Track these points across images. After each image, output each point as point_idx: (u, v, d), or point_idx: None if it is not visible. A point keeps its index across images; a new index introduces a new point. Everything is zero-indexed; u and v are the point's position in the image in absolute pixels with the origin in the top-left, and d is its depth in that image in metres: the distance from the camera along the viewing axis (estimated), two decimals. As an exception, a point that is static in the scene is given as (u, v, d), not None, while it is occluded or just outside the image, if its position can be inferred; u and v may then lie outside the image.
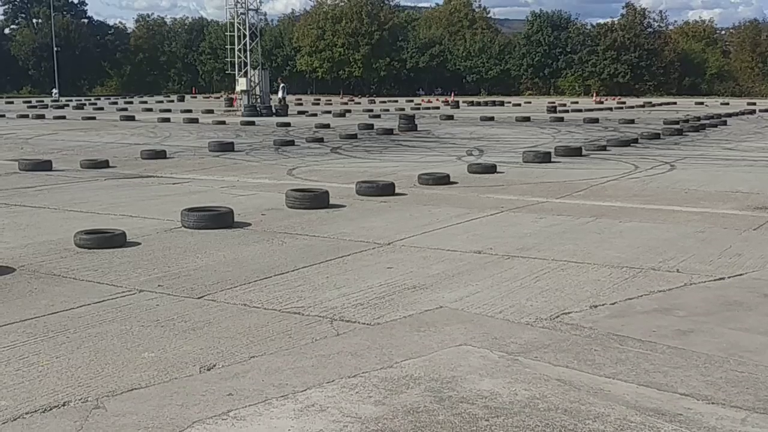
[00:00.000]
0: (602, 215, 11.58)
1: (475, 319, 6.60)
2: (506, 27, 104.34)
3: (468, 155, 21.17)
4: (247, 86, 43.41)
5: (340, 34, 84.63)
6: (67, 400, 4.93)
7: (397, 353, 5.76)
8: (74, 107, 52.41)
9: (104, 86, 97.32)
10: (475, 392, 5.03)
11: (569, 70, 79.38)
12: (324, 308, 6.92)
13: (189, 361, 5.60)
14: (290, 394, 5.01)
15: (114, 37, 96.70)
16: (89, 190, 14.78)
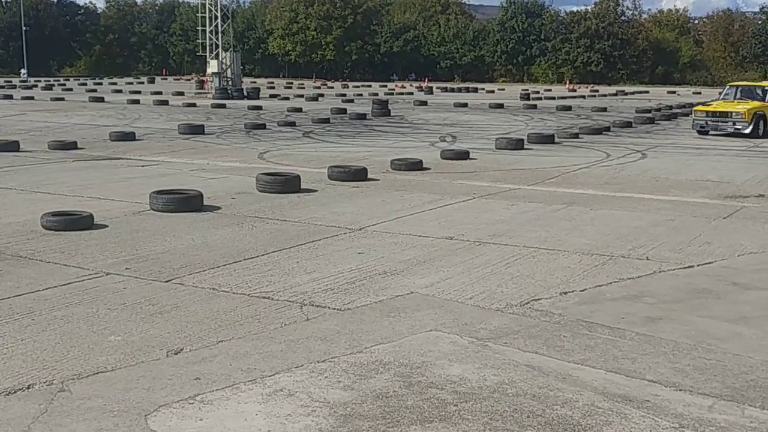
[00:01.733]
0: (573, 203, 11.63)
1: (445, 305, 6.59)
2: (480, 13, 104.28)
3: (441, 141, 21.16)
4: (218, 68, 43.03)
5: (313, 17, 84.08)
6: (32, 382, 4.85)
7: (367, 338, 5.74)
8: (43, 88, 51.63)
9: (73, 67, 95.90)
10: (444, 377, 5.02)
11: (543, 57, 79.63)
12: (294, 293, 6.87)
13: (156, 345, 5.53)
14: (258, 378, 4.97)
15: (84, 17, 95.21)
16: (57, 171, 14.56)
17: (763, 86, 24.58)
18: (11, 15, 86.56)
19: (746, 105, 22.54)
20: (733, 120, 22.18)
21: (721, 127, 22.43)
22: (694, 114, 24.15)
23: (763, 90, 23.86)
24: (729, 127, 22.23)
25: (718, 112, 22.77)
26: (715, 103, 24.16)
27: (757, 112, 22.29)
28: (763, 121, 22.32)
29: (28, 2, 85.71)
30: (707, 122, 22.80)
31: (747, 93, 24.03)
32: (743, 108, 22.29)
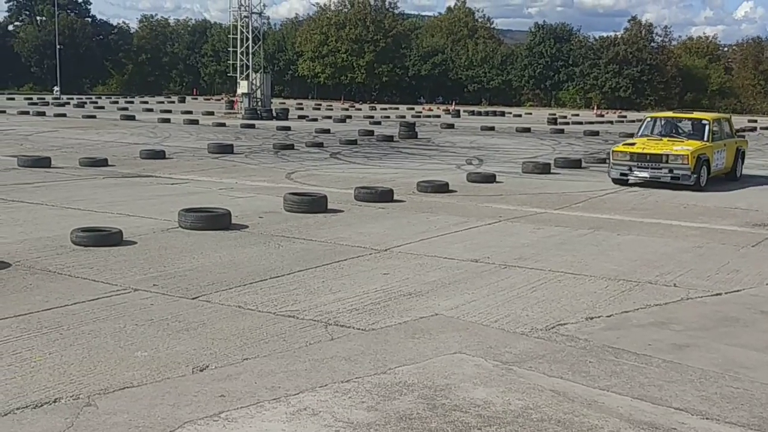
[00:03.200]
0: (600, 227, 11.57)
1: (470, 328, 6.58)
2: (509, 38, 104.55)
3: (467, 164, 21.16)
4: (248, 89, 43.44)
5: (344, 40, 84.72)
6: (58, 396, 4.90)
7: (391, 359, 5.73)
8: (75, 105, 52.38)
9: (106, 85, 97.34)
10: (468, 400, 5.00)
11: (571, 82, 79.51)
12: (319, 312, 6.89)
13: (182, 362, 5.57)
14: (283, 397, 4.98)
15: (117, 36, 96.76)
16: (87, 188, 14.75)
17: (699, 119, 17.61)
18: (46, 33, 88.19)
19: (688, 146, 16.18)
20: (671, 166, 15.84)
21: (652, 175, 16.17)
22: (612, 156, 16.67)
23: (699, 124, 17.21)
24: (664, 175, 15.99)
25: (649, 155, 16.14)
26: (640, 142, 16.85)
27: (701, 155, 16.07)
28: (706, 167, 16.24)
29: (63, 21, 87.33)
30: (631, 168, 16.22)
31: (675, 128, 17.80)
32: (685, 150, 15.92)
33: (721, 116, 18.81)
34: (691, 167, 15.67)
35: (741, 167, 18.46)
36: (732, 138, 18.18)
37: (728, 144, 17.60)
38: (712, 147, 16.49)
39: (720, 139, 17.16)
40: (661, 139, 16.93)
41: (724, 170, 17.45)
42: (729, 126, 18.28)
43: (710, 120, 17.16)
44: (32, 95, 70.18)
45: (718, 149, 16.81)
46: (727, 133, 17.83)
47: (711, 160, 16.37)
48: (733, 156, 17.83)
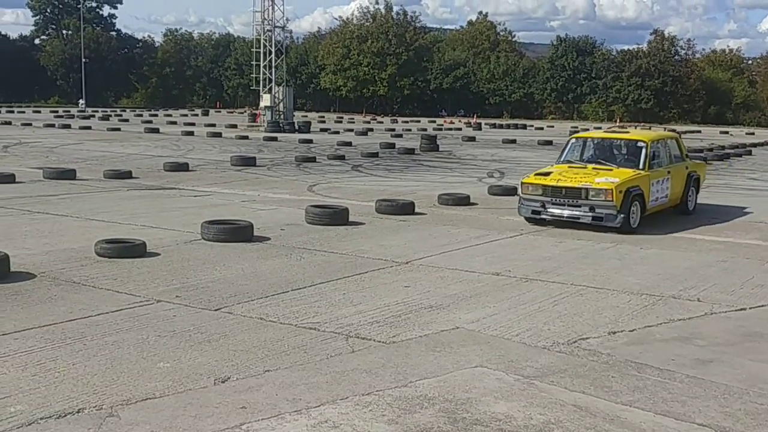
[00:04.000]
0: (623, 241, 11.50)
1: (491, 341, 6.56)
2: (531, 51, 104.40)
3: (489, 177, 21.14)
4: (271, 102, 43.69)
5: (366, 53, 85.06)
6: (82, 407, 4.94)
7: (412, 372, 5.73)
8: (100, 118, 52.93)
9: (130, 98, 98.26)
10: (489, 415, 4.98)
11: (593, 95, 79.22)
12: (340, 325, 6.91)
13: (204, 373, 5.60)
14: (304, 409, 4.99)
15: (142, 50, 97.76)
16: (111, 200, 14.89)
17: (634, 140, 13.69)
18: (72, 47, 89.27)
19: (615, 176, 12.42)
20: (592, 203, 12.19)
21: (570, 214, 12.44)
22: (521, 189, 13.08)
23: (634, 147, 13.42)
24: (583, 215, 12.30)
25: (565, 189, 12.41)
26: (557, 171, 13.12)
27: (630, 188, 12.28)
28: (640, 203, 12.54)
29: (88, 35, 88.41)
30: (545, 204, 12.60)
31: (606, 152, 13.76)
32: (608, 183, 12.20)
33: (666, 136, 15.10)
34: (617, 204, 11.98)
35: (695, 197, 14.82)
36: (682, 162, 14.44)
37: (675, 170, 13.86)
38: (648, 176, 12.76)
39: (662, 164, 13.46)
40: (585, 166, 13.07)
41: (670, 203, 13.85)
42: (678, 147, 14.59)
43: (647, 142, 13.28)
44: (58, 108, 71.03)
45: (658, 178, 13.12)
46: (674, 156, 14.19)
47: (647, 193, 12.72)
48: (682, 185, 14.17)
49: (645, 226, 12.58)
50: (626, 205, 12.13)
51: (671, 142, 14.53)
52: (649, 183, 12.86)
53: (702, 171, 15.50)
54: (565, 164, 13.49)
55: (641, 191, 12.57)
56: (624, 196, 12.13)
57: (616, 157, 13.57)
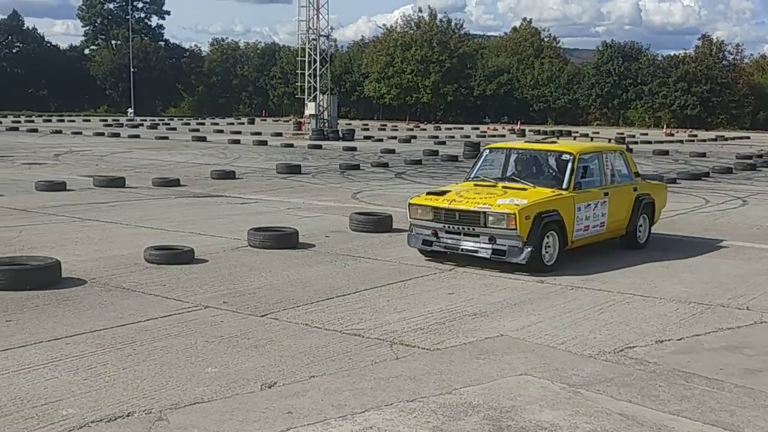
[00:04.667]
0: (670, 249, 11.35)
1: (536, 349, 6.53)
2: (575, 57, 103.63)
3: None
4: (315, 110, 44.04)
5: (410, 60, 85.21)
6: (131, 410, 5.04)
7: (456, 380, 5.74)
8: (148, 127, 53.84)
9: (178, 107, 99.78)
10: (534, 423, 4.97)
11: (639, 101, 78.31)
12: (384, 331, 6.94)
13: (250, 378, 5.67)
14: (349, 415, 5.03)
15: (189, 59, 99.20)
16: (160, 207, 15.14)
17: (559, 152, 10.84)
18: (121, 57, 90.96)
19: (520, 197, 9.73)
20: (491, 231, 9.56)
21: (466, 246, 9.79)
22: (409, 212, 10.37)
23: (559, 160, 10.64)
24: (480, 247, 9.67)
25: (458, 213, 9.83)
26: (456, 189, 10.56)
27: (543, 213, 9.66)
28: (557, 233, 9.85)
29: (137, 45, 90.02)
30: (437, 232, 10.00)
31: (525, 167, 10.96)
32: (511, 205, 9.51)
33: (605, 148, 12.14)
34: (521, 234, 9.30)
35: (647, 227, 11.58)
36: (629, 182, 11.35)
37: (618, 192, 10.88)
38: (571, 198, 10.01)
39: (597, 184, 10.63)
40: (495, 184, 10.33)
41: (608, 234, 10.88)
42: (625, 163, 11.53)
43: (575, 154, 10.37)
44: (107, 117, 72.42)
45: (589, 201, 10.28)
46: (618, 174, 11.24)
47: (569, 219, 9.92)
48: (628, 210, 11.10)
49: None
50: (536, 234, 9.39)
51: (614, 157, 11.41)
52: (574, 207, 9.99)
53: (659, 194, 12.01)
54: (470, 182, 10.69)
55: (560, 217, 9.72)
56: (533, 223, 9.39)
57: (537, 173, 10.76)
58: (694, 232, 12.87)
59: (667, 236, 12.43)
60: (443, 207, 9.90)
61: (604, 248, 10.93)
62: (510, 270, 9.55)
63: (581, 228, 10.24)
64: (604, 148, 12.03)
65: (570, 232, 10.01)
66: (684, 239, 12.17)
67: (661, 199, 12.19)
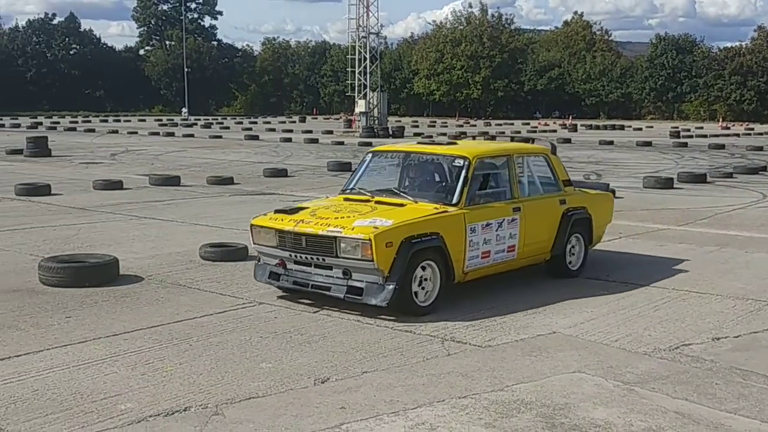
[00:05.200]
0: (727, 244, 11.13)
1: (589, 347, 6.48)
2: (628, 50, 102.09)
3: (585, 179, 20.75)
4: (365, 108, 44.22)
5: (460, 56, 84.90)
6: (188, 405, 5.14)
7: (508, 377, 5.73)
8: (202, 126, 54.63)
9: (230, 107, 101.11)
10: (588, 420, 4.94)
11: (694, 94, 76.84)
12: (435, 328, 6.95)
13: (304, 373, 5.74)
14: (401, 411, 5.06)
15: (241, 59, 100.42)
16: (214, 205, 15.36)
17: (451, 156, 8.39)
18: (174, 57, 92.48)
19: (386, 216, 7.43)
20: (345, 263, 7.30)
21: (315, 281, 7.58)
22: (252, 235, 8.23)
23: (451, 167, 8.30)
24: (333, 283, 7.45)
25: (304, 237, 7.52)
26: (316, 206, 8.33)
27: (415, 237, 7.31)
28: (438, 263, 7.51)
29: (190, 46, 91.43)
30: (284, 262, 7.81)
31: (413, 175, 8.70)
32: (367, 228, 7.17)
33: (517, 150, 9.02)
34: (380, 266, 7.08)
35: (581, 249, 9.24)
36: (556, 192, 9.11)
37: (536, 207, 8.64)
38: (460, 216, 7.73)
39: (504, 196, 8.39)
40: (371, 198, 8.06)
41: (527, 259, 8.66)
42: (550, 168, 9.21)
43: (470, 158, 8.08)
44: (162, 117, 73.71)
45: (490, 219, 8.00)
46: (540, 182, 9.03)
47: (458, 244, 7.65)
48: (552, 228, 8.85)
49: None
50: (401, 266, 7.10)
51: (532, 161, 9.05)
52: (464, 227, 7.72)
53: (599, 207, 9.69)
54: (345, 194, 8.48)
55: (441, 243, 7.43)
56: (399, 250, 7.11)
57: (427, 184, 8.50)
58: (751, 228, 12.60)
59: (723, 233, 12.20)
60: (288, 230, 7.57)
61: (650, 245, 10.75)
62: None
63: (477, 255, 7.90)
64: (516, 150, 8.94)
65: (459, 261, 7.68)
66: (740, 236, 11.93)
67: (603, 213, 9.80)
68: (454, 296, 8.08)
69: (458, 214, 7.75)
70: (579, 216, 9.17)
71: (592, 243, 9.60)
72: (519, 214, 8.34)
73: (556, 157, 9.49)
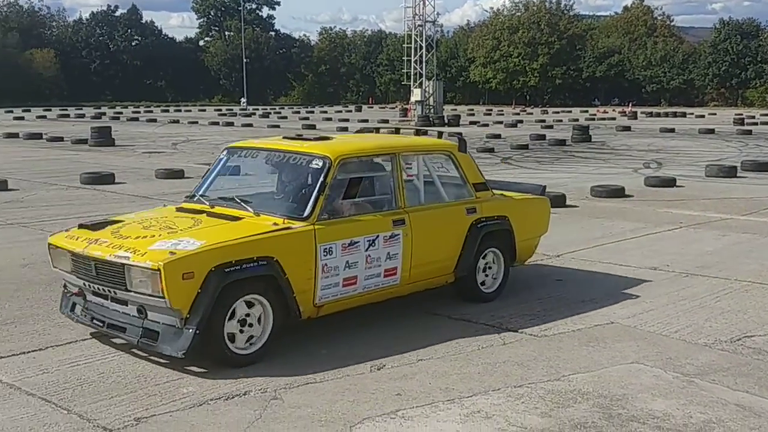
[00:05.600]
0: (793, 235, 10.86)
1: (648, 337, 6.41)
2: (691, 35, 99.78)
3: (645, 168, 20.44)
4: (421, 96, 44.15)
5: (517, 44, 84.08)
6: (248, 390, 5.24)
7: (565, 366, 5.70)
8: (260, 116, 55.19)
9: (288, 96, 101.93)
10: (646, 412, 4.89)
11: (759, 80, 74.75)
12: (491, 317, 6.95)
13: (360, 360, 5.80)
14: (457, 399, 5.09)
15: (299, 49, 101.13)
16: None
17: (309, 155, 6.43)
18: (233, 48, 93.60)
19: (197, 236, 5.65)
20: (138, 298, 5.55)
21: (111, 319, 5.88)
22: (51, 256, 6.32)
23: (306, 169, 6.40)
24: (127, 323, 5.74)
25: (94, 262, 5.76)
26: (129, 221, 6.35)
27: (231, 265, 5.51)
28: (270, 298, 5.77)
29: (249, 36, 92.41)
30: (83, 291, 6.13)
31: (266, 178, 7.35)
32: (160, 254, 5.40)
33: (406, 146, 7.42)
34: (177, 305, 5.42)
35: (500, 268, 7.64)
36: (467, 197, 7.40)
37: (430, 217, 6.95)
38: (308, 234, 5.99)
39: (384, 205, 6.68)
40: (211, 208, 6.48)
41: (418, 283, 6.94)
42: (457, 168, 7.45)
43: (332, 158, 6.33)
44: (221, 106, 74.72)
45: (356, 236, 6.29)
46: (443, 183, 7.37)
47: (307, 270, 5.98)
48: (455, 243, 7.15)
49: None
50: (206, 305, 5.44)
51: (431, 160, 7.39)
52: (315, 248, 5.97)
53: (526, 216, 7.94)
54: (185, 202, 6.91)
55: (275, 270, 5.76)
56: (204, 284, 5.45)
57: (281, 189, 6.80)
58: None
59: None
60: (78, 252, 5.91)
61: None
62: (619, 259, 9.37)
63: (336, 282, 6.14)
64: (405, 147, 7.20)
65: (306, 292, 5.96)
66: (808, 225, 11.62)
67: (533, 222, 8.08)
68: (511, 286, 8.06)
69: (305, 232, 5.93)
70: (494, 227, 7.42)
71: (518, 259, 7.88)
72: (402, 228, 6.54)
73: (465, 154, 7.60)
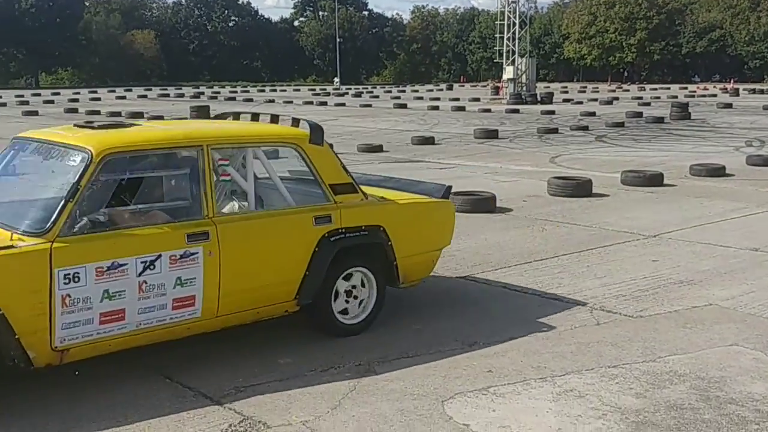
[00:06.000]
0: None
1: (748, 320, 6.24)
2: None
3: (747, 146, 19.69)
4: (513, 74, 43.54)
5: (614, 19, 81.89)
6: (343, 362, 5.37)
7: (661, 348, 5.62)
8: (353, 95, 55.60)
9: (380, 75, 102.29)
10: (745, 394, 4.79)
11: None
12: (584, 297, 6.89)
13: (452, 336, 5.86)
14: (549, 377, 5.09)
15: (391, 28, 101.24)
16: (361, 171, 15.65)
17: (71, 148, 4.86)
18: (327, 28, 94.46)
19: None
20: None
21: None
22: None
23: (65, 169, 4.81)
24: None
25: None
26: None
27: None
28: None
29: (342, 16, 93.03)
30: None
31: (40, 179, 5.29)
32: None
33: (220, 136, 5.44)
34: None
35: (374, 293, 6.01)
36: (317, 201, 5.71)
37: (251, 230, 5.30)
38: (39, 254, 4.40)
39: (187, 213, 5.10)
40: None
41: (242, 313, 5.38)
42: (308, 165, 5.71)
43: (95, 153, 4.69)
44: (315, 86, 75.61)
45: (123, 257, 4.66)
46: (287, 185, 5.77)
47: (35, 304, 4.36)
48: (296, 263, 5.50)
49: None
50: None
51: (267, 154, 5.79)
52: (48, 274, 4.44)
53: (413, 225, 6.25)
54: None
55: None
56: None
57: (44, 193, 5.03)
58: None
59: None
60: None
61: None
62: (719, 240, 9.11)
63: (88, 319, 4.63)
64: (222, 137, 5.47)
65: (37, 333, 4.44)
66: None
67: (423, 233, 6.35)
68: (605, 265, 7.97)
69: (33, 252, 4.43)
70: (359, 240, 5.83)
71: (402, 279, 6.18)
72: (204, 243, 5.02)
73: (320, 146, 5.82)
